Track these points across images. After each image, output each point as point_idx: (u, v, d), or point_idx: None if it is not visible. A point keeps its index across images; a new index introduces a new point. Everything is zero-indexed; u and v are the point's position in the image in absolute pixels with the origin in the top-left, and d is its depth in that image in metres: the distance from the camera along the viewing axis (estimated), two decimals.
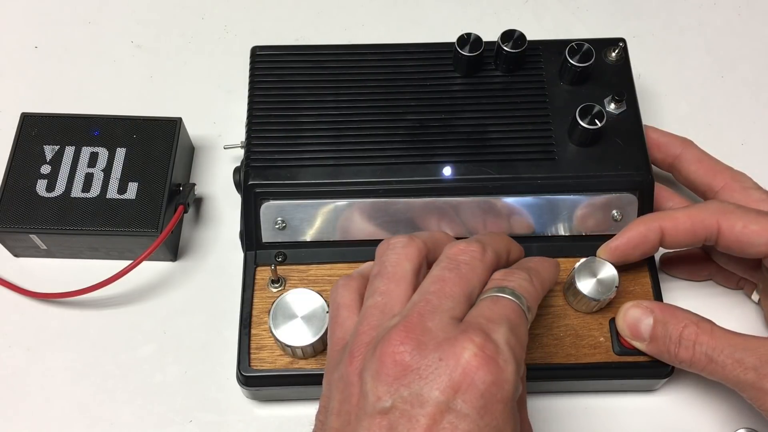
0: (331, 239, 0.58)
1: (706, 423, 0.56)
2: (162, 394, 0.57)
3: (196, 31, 0.74)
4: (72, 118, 0.62)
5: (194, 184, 0.63)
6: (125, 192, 0.59)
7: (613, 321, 0.55)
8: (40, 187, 0.59)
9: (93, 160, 0.60)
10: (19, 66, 0.71)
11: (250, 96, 0.60)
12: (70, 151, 0.60)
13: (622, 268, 0.55)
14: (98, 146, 0.61)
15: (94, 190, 0.59)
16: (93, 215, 0.58)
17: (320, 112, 0.59)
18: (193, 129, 0.66)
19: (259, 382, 0.54)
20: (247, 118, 0.59)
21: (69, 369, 0.58)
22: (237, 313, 0.56)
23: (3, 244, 0.61)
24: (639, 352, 0.54)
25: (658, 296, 0.56)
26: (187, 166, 0.66)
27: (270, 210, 0.57)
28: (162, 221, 0.58)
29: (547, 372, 0.54)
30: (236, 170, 0.59)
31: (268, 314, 0.53)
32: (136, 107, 0.65)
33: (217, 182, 0.66)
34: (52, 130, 0.61)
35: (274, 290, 0.56)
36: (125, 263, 0.57)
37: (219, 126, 0.68)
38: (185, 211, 0.60)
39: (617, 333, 0.54)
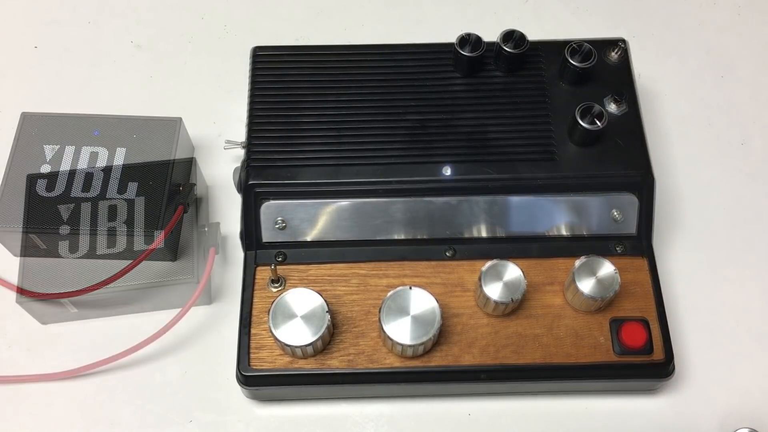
0: (331, 239, 0.58)
1: (706, 423, 0.56)
2: (162, 394, 0.57)
3: (196, 31, 0.74)
4: (72, 118, 0.62)
5: (194, 184, 0.62)
6: (125, 192, 0.59)
7: (613, 321, 0.55)
8: (40, 186, 0.59)
9: (93, 160, 0.60)
10: (19, 66, 0.71)
11: (250, 96, 0.60)
12: (70, 151, 0.60)
13: (622, 268, 0.55)
14: (98, 146, 0.61)
15: (94, 190, 0.59)
16: (93, 215, 0.58)
17: (320, 112, 0.59)
18: (193, 129, 0.66)
19: (259, 382, 0.54)
20: (247, 118, 0.59)
21: (69, 369, 0.58)
22: (237, 313, 0.56)
23: (3, 244, 0.61)
24: (639, 353, 0.54)
25: (658, 297, 0.56)
26: (187, 166, 0.66)
27: (270, 210, 0.57)
28: (162, 221, 0.58)
29: (548, 372, 0.54)
30: (236, 170, 0.59)
31: (268, 314, 0.53)
32: (136, 107, 0.65)
33: (217, 182, 0.66)
34: (52, 130, 0.61)
35: (274, 290, 0.56)
36: (125, 263, 0.57)
37: (219, 126, 0.68)
38: (185, 211, 0.60)
39: (617, 333, 0.54)
